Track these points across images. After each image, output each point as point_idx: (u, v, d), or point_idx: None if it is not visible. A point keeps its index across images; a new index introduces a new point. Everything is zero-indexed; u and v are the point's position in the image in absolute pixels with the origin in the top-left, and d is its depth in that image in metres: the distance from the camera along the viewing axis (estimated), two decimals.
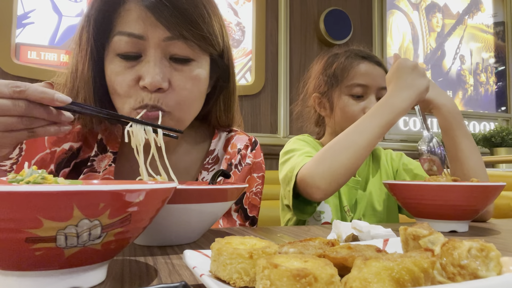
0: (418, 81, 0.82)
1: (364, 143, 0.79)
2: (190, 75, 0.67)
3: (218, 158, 0.83)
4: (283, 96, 2.62)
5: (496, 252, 0.28)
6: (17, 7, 2.07)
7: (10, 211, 0.27)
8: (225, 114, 0.82)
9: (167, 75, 0.65)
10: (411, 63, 0.83)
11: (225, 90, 0.80)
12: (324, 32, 2.72)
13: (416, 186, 0.70)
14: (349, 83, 1.03)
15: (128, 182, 0.49)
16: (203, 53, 0.69)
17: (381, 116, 0.81)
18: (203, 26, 0.65)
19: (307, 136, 1.11)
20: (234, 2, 2.60)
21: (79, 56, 0.68)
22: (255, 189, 0.83)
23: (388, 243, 0.43)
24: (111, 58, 0.66)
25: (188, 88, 0.67)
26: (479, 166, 0.87)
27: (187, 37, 0.64)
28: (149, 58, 0.64)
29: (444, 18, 3.38)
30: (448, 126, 0.87)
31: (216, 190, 0.51)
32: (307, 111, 1.17)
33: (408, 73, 0.82)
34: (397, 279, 0.24)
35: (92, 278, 0.33)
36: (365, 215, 1.04)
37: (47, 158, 0.69)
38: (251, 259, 0.30)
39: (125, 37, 0.64)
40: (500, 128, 2.72)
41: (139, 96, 0.64)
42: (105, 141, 0.75)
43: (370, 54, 1.07)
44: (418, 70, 0.83)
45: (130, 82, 0.64)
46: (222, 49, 0.73)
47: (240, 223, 0.80)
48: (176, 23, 0.63)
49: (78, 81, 0.68)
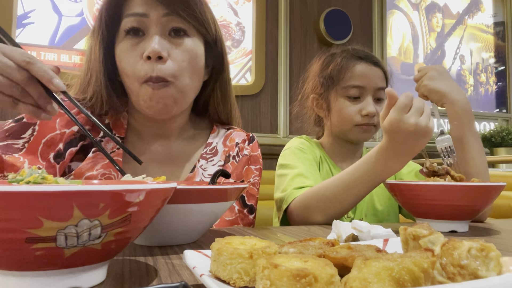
0: (417, 145, 0.72)
1: (353, 200, 0.81)
2: (186, 48, 0.76)
3: (217, 150, 0.87)
4: (283, 96, 2.62)
5: (496, 252, 0.28)
6: (17, 7, 2.07)
7: (10, 211, 0.27)
8: (223, 104, 0.89)
9: (167, 47, 0.74)
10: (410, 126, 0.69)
11: (220, 79, 0.87)
12: (324, 32, 2.72)
13: (416, 186, 0.70)
14: (345, 85, 1.02)
15: (128, 182, 0.49)
16: (197, 33, 0.79)
17: (374, 177, 0.77)
18: (196, 8, 0.76)
19: (305, 139, 1.11)
20: (234, 2, 2.60)
21: (92, 42, 0.77)
22: (252, 179, 0.87)
23: (388, 243, 0.43)
24: (120, 40, 0.76)
25: (186, 60, 0.76)
26: (483, 166, 0.87)
27: (182, 15, 0.75)
28: (151, 34, 0.74)
29: (444, 18, 3.38)
30: (459, 123, 0.86)
31: (216, 190, 0.51)
32: (306, 111, 1.17)
33: (408, 137, 0.70)
34: (397, 279, 0.24)
35: (92, 278, 0.33)
36: (367, 215, 1.04)
37: (57, 138, 0.75)
38: (251, 259, 0.30)
39: (131, 17, 0.74)
40: (500, 128, 2.72)
41: (143, 70, 0.72)
42: (112, 126, 0.82)
43: (367, 54, 1.05)
44: (417, 132, 0.69)
45: (136, 58, 0.73)
46: (215, 37, 0.82)
47: (238, 209, 0.83)
48: (173, 3, 0.73)
49: (91, 63, 0.77)
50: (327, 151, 1.11)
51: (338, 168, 1.08)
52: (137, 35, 0.75)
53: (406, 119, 0.69)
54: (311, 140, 1.13)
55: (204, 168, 0.83)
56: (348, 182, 0.79)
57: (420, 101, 0.71)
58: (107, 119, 0.82)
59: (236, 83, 2.54)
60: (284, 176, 0.96)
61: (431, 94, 0.88)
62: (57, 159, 0.74)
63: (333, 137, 1.10)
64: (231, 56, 2.54)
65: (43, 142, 0.74)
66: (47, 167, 0.73)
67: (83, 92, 0.78)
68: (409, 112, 0.69)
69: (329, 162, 1.08)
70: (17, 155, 0.70)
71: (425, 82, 0.89)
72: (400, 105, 0.69)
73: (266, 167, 1.41)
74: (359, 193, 0.80)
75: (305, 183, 0.90)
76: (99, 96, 0.76)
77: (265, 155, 0.90)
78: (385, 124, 0.71)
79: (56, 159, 0.74)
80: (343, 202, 0.80)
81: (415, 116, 0.69)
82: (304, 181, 0.91)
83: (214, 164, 0.85)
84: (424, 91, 0.89)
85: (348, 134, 1.05)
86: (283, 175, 0.97)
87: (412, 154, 0.73)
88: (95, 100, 0.77)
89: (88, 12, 2.25)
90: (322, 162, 1.07)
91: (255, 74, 2.58)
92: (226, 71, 0.87)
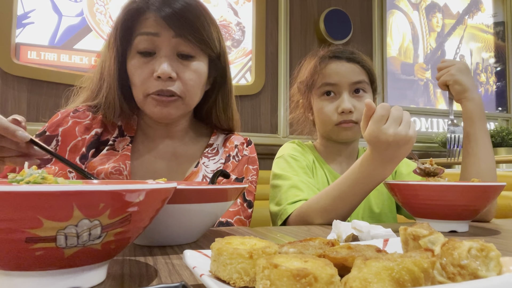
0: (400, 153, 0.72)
1: (349, 208, 0.82)
2: (192, 69, 0.83)
3: (218, 151, 0.95)
4: (283, 96, 2.62)
5: (496, 252, 0.28)
6: (17, 7, 2.07)
7: (10, 211, 0.27)
8: (224, 113, 0.95)
9: (175, 68, 0.81)
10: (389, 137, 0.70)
11: (222, 89, 0.94)
12: (324, 32, 2.71)
13: (416, 186, 0.70)
14: (319, 85, 1.02)
15: (128, 182, 0.49)
16: (203, 54, 0.85)
17: (364, 185, 0.78)
18: (203, 32, 0.82)
19: (297, 144, 1.10)
20: (234, 2, 2.60)
21: (108, 54, 0.84)
22: (250, 178, 0.93)
23: (388, 243, 0.43)
24: (132, 55, 0.83)
25: (192, 79, 0.83)
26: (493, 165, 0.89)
27: (190, 40, 0.81)
28: (161, 54, 0.80)
29: (444, 18, 3.38)
30: (473, 121, 0.89)
31: (216, 190, 0.51)
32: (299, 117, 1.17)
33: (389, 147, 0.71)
34: (397, 279, 0.24)
35: (92, 278, 0.33)
36: (364, 217, 1.03)
37: (79, 144, 0.84)
38: (251, 259, 0.30)
39: (144, 36, 0.81)
40: (500, 128, 2.72)
41: (152, 85, 0.80)
42: (124, 128, 0.90)
43: (342, 51, 1.05)
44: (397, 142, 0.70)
45: (146, 75, 0.80)
46: (219, 52, 0.89)
47: (240, 201, 0.89)
48: (182, 28, 0.79)
49: (105, 74, 0.84)
50: (321, 153, 1.11)
51: (332, 170, 1.08)
52: (148, 55, 0.81)
53: (384, 130, 0.70)
54: (304, 144, 1.12)
55: (206, 165, 0.91)
56: (340, 192, 0.80)
57: (397, 111, 0.72)
58: (120, 121, 0.90)
59: (236, 83, 2.54)
60: (278, 188, 0.97)
61: (455, 85, 0.91)
62: (82, 160, 0.83)
63: (324, 139, 1.10)
64: (231, 56, 2.54)
65: (68, 150, 0.83)
66: None
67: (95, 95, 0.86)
68: (387, 123, 0.70)
69: (323, 165, 1.08)
70: (49, 165, 0.81)
71: (454, 71, 0.91)
72: (377, 116, 0.70)
73: (266, 167, 1.41)
74: (353, 201, 0.81)
75: (299, 196, 0.91)
76: (111, 105, 0.84)
77: (265, 155, 0.91)
78: (365, 135, 0.73)
79: (81, 160, 0.83)
80: (339, 211, 0.80)
81: (393, 126, 0.70)
82: (298, 194, 0.92)
83: (216, 162, 0.92)
84: (450, 79, 0.92)
85: (331, 134, 1.05)
86: (277, 186, 0.98)
87: (397, 161, 0.74)
88: (108, 109, 0.85)
89: (88, 12, 2.25)
90: (316, 166, 1.07)
91: (255, 74, 2.58)
92: (228, 82, 0.93)
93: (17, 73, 2.03)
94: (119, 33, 0.82)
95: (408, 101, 3.13)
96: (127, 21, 0.82)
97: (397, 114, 0.71)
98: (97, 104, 0.86)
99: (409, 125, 0.71)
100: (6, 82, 2.02)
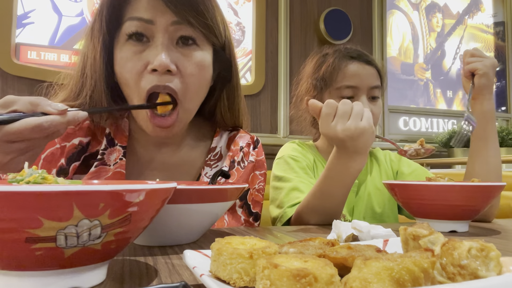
0: (360, 145, 0.71)
1: (337, 204, 0.80)
2: (195, 60, 0.70)
3: (221, 155, 0.84)
4: (283, 96, 2.62)
5: (496, 252, 0.28)
6: (17, 7, 2.07)
7: (10, 211, 0.27)
8: (230, 111, 0.83)
9: (174, 59, 0.67)
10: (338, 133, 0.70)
11: (228, 85, 0.81)
12: (324, 32, 2.71)
13: (416, 186, 0.70)
14: (338, 86, 1.00)
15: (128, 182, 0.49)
16: (207, 42, 0.72)
17: (342, 179, 0.77)
18: (207, 15, 0.69)
19: (298, 144, 1.10)
20: (234, 2, 2.60)
21: (91, 45, 0.70)
22: (257, 186, 0.85)
23: (388, 243, 0.43)
24: (121, 45, 0.69)
25: (194, 74, 0.70)
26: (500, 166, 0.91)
27: (192, 23, 0.68)
28: (157, 42, 0.67)
29: (444, 18, 3.38)
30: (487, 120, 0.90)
31: (216, 190, 0.51)
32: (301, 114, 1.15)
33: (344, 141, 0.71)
34: (397, 279, 0.24)
35: (92, 278, 0.33)
36: (365, 217, 1.03)
37: (57, 152, 0.71)
38: (251, 259, 0.30)
39: (135, 21, 0.67)
40: (500, 128, 2.72)
41: (148, 80, 0.66)
42: (113, 135, 0.77)
43: (359, 52, 1.04)
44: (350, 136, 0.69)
45: (139, 68, 0.67)
46: (224, 42, 0.76)
47: (244, 218, 0.81)
48: (183, 9, 0.66)
49: (88, 69, 0.70)
50: (322, 153, 1.10)
51: None
52: (140, 40, 0.68)
53: (333, 128, 0.70)
54: (304, 144, 1.11)
55: (209, 176, 0.80)
56: (322, 191, 0.79)
57: (344, 105, 0.71)
58: (108, 127, 0.76)
59: None
60: (279, 190, 0.96)
61: (483, 77, 0.89)
62: (61, 175, 0.69)
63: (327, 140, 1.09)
64: None
65: (42, 158, 0.70)
66: None
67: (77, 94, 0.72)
68: (334, 120, 0.70)
69: (324, 164, 1.07)
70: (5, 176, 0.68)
71: (488, 64, 0.89)
72: (322, 115, 0.71)
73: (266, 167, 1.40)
74: (337, 198, 0.79)
75: (299, 198, 0.90)
76: (99, 105, 0.70)
77: (265, 155, 0.90)
78: (321, 133, 0.73)
79: (60, 175, 0.69)
80: (328, 210, 0.79)
81: (340, 122, 0.70)
82: (299, 195, 0.92)
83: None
84: (481, 69, 0.89)
85: None
86: (278, 188, 0.97)
87: (362, 151, 0.73)
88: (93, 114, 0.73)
89: (88, 12, 2.25)
90: (317, 166, 1.06)
91: (255, 74, 2.58)
92: (234, 77, 0.81)
93: (17, 73, 2.03)
94: (105, 17, 0.68)
95: (408, 101, 3.13)
96: (115, 4, 0.69)
97: (344, 109, 0.70)
98: (80, 105, 0.70)
99: (360, 117, 0.70)
100: (6, 82, 2.02)
